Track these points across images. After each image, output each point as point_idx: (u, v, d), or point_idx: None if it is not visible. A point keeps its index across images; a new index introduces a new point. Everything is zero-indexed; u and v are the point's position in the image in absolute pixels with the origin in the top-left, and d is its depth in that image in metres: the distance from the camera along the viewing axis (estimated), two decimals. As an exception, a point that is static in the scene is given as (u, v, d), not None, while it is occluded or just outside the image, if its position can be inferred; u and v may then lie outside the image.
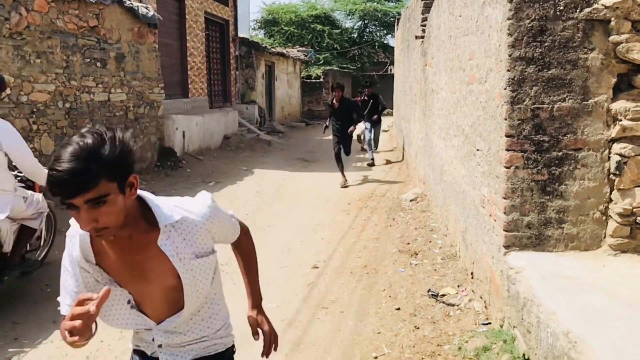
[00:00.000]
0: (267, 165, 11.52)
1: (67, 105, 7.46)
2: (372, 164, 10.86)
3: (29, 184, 4.32)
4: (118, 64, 8.80)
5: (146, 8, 9.68)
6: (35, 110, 6.80)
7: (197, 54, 13.57)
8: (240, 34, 17.39)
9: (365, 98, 11.74)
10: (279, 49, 21.43)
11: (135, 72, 9.31)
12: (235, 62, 16.53)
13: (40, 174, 3.91)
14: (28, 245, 4.44)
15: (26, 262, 4.47)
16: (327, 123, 9.90)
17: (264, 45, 19.17)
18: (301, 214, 7.11)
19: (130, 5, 9.12)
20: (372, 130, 11.61)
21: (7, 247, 4.03)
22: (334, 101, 9.28)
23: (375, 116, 11.54)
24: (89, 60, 7.99)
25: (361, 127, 11.85)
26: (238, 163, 11.70)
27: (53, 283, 4.75)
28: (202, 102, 13.79)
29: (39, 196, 4.29)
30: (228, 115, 14.29)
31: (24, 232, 4.20)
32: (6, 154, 3.75)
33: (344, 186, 8.86)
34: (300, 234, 6.10)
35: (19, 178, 4.22)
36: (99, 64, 8.26)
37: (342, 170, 9.19)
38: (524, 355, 2.75)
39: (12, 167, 3.98)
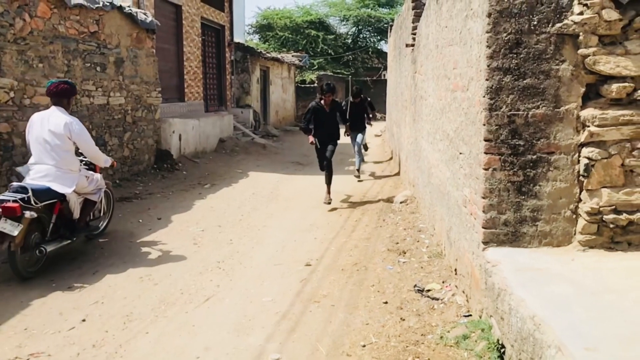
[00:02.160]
0: (262, 168, 11.76)
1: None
2: (358, 175, 10.19)
3: (91, 167, 5.69)
4: (117, 68, 9.03)
5: (145, 14, 9.92)
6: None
7: (193, 59, 13.80)
8: (236, 39, 17.64)
9: (355, 101, 10.67)
10: (273, 54, 21.71)
11: (133, 77, 9.54)
12: (231, 66, 16.77)
13: (99, 158, 5.44)
14: (91, 214, 5.77)
15: (90, 227, 5.83)
16: (313, 139, 8.18)
17: (259, 51, 19.43)
18: (295, 215, 7.35)
19: (130, 11, 9.36)
20: (360, 136, 10.64)
21: (75, 214, 5.34)
22: (323, 104, 8.12)
23: (370, 115, 10.94)
24: (89, 64, 8.21)
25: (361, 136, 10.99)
26: (233, 166, 11.93)
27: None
28: (198, 106, 14.02)
29: (98, 176, 5.66)
30: (223, 119, 14.52)
31: (87, 204, 5.51)
32: (74, 143, 5.10)
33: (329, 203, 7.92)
34: (294, 234, 6.34)
35: (83, 162, 5.58)
36: (98, 69, 8.48)
37: (328, 186, 8.07)
38: (498, 340, 3.00)
39: (78, 153, 5.31)
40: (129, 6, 9.60)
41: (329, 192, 8.04)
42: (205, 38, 14.87)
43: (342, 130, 8.95)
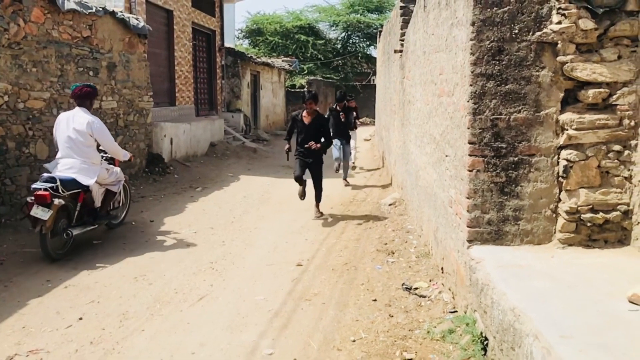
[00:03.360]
0: (253, 172, 11.87)
1: (61, 112, 7.74)
2: (347, 183, 9.94)
3: (110, 161, 6.36)
4: (109, 72, 9.12)
5: (137, 19, 10.02)
6: (31, 116, 7.09)
7: (184, 63, 13.91)
8: (226, 44, 17.77)
9: (338, 109, 10.39)
10: (264, 59, 21.86)
11: (125, 81, 9.63)
12: (222, 71, 16.89)
13: (119, 153, 6.19)
14: (111, 204, 6.38)
15: (110, 216, 6.44)
16: (288, 147, 7.39)
17: (249, 55, 19.57)
18: (286, 217, 7.47)
19: (122, 16, 9.46)
20: (342, 148, 10.17)
21: (97, 203, 6.03)
22: (304, 115, 7.27)
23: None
24: (82, 69, 8.30)
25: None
26: (224, 169, 12.03)
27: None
28: (189, 110, 14.12)
29: (117, 169, 6.35)
30: (214, 123, 14.63)
31: (108, 194, 6.19)
32: (96, 140, 5.81)
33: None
34: (285, 235, 6.47)
35: (104, 156, 6.24)
36: (91, 73, 8.57)
37: (303, 190, 7.42)
38: (481, 333, 3.15)
39: (99, 149, 6.04)
40: (121, 11, 9.70)
41: (302, 189, 7.43)
42: (196, 43, 14.98)
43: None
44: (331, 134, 8.09)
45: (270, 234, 6.56)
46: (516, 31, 3.45)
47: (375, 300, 4.34)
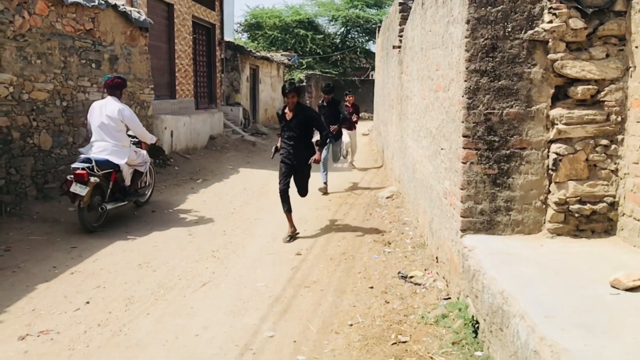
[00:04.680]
0: (252, 165, 12.01)
1: (64, 103, 7.87)
2: (324, 190, 8.68)
3: (137, 145, 7.08)
4: (111, 65, 9.23)
5: (138, 12, 10.13)
6: (35, 108, 7.21)
7: (184, 57, 14.01)
8: (225, 38, 17.86)
9: (325, 104, 9.33)
10: (263, 53, 21.94)
11: (127, 74, 9.73)
12: (221, 65, 16.99)
13: (146, 137, 6.99)
14: (139, 183, 7.17)
15: (138, 194, 7.24)
16: (278, 144, 6.59)
17: (248, 49, 19.66)
18: (285, 209, 7.61)
19: (124, 9, 9.56)
20: (330, 146, 9.29)
21: (127, 182, 6.80)
22: (285, 111, 6.31)
23: (335, 127, 8.92)
24: (84, 61, 8.41)
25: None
26: (224, 162, 12.17)
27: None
28: (189, 103, 14.23)
29: (144, 152, 7.12)
30: (214, 116, 14.75)
31: (136, 174, 6.97)
32: (126, 125, 6.60)
33: (289, 240, 6.01)
34: (284, 226, 6.59)
35: (133, 140, 6.98)
36: (93, 65, 8.68)
37: (288, 215, 6.21)
38: (473, 317, 3.32)
39: (128, 133, 6.80)
40: (123, 4, 9.80)
41: (290, 220, 6.22)
42: (196, 36, 15.08)
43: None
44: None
45: (269, 224, 6.71)
46: (509, 29, 3.59)
47: (372, 287, 4.51)
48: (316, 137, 6.43)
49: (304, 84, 26.24)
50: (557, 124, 3.58)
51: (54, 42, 7.64)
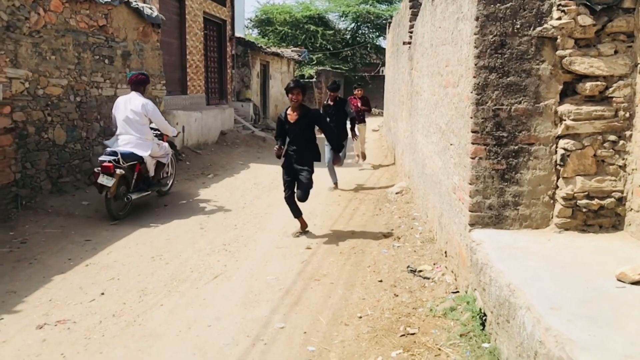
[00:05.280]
0: (262, 160, 12.10)
1: (78, 99, 7.99)
2: (335, 188, 8.68)
3: (159, 138, 7.42)
4: (124, 61, 9.35)
5: (150, 8, 10.23)
6: (50, 103, 7.33)
7: (195, 53, 14.12)
8: (236, 34, 17.94)
9: (330, 103, 9.00)
10: (273, 49, 22.01)
11: (139, 69, 9.84)
12: (232, 61, 17.09)
13: (168, 130, 7.36)
14: (161, 174, 7.61)
15: (161, 184, 7.71)
16: (277, 146, 6.19)
17: (259, 45, 19.74)
18: (295, 204, 7.68)
19: (136, 5, 9.67)
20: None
21: (151, 172, 7.24)
22: (288, 113, 6.06)
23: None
24: (97, 57, 8.53)
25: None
26: (234, 157, 12.27)
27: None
28: (200, 99, 14.35)
29: (166, 144, 7.52)
30: (224, 112, 14.86)
31: (158, 165, 7.42)
32: (149, 119, 6.95)
33: (299, 235, 6.07)
34: (294, 221, 6.63)
35: (155, 133, 7.35)
36: (106, 61, 8.80)
37: (299, 218, 6.19)
38: (480, 309, 3.37)
39: (151, 126, 7.15)
40: (135, 1, 9.90)
41: (302, 221, 6.21)
42: (207, 32, 15.19)
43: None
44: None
45: (280, 219, 6.79)
46: (518, 26, 3.63)
47: (381, 281, 4.57)
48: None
49: (314, 79, 26.27)
50: (565, 120, 3.61)
51: (68, 38, 7.75)
